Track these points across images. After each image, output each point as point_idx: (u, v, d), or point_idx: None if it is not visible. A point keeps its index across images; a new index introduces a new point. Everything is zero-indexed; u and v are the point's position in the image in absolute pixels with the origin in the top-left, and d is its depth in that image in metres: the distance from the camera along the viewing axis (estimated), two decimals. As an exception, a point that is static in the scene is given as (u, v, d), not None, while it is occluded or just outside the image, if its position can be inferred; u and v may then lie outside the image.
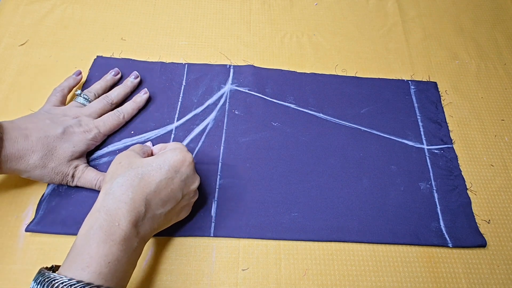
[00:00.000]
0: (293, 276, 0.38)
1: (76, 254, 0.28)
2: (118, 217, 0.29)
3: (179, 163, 0.34)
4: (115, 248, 0.28)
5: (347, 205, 0.42)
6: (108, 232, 0.28)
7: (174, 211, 0.35)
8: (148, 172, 0.32)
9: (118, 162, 0.33)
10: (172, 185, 0.33)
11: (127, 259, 0.29)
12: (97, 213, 0.29)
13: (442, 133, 0.48)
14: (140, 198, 0.31)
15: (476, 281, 0.39)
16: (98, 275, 0.27)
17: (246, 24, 0.58)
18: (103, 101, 0.44)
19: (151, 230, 0.32)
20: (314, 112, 0.49)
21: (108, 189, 0.31)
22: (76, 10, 0.56)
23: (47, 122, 0.39)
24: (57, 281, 0.25)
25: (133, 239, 0.30)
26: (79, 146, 0.40)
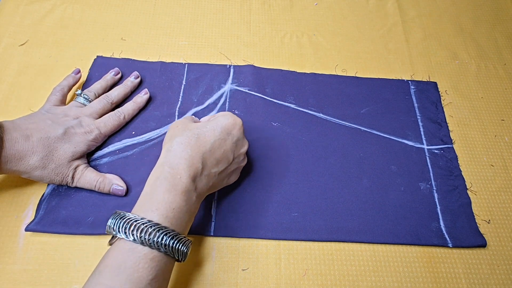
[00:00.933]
0: (293, 276, 0.38)
1: (146, 199, 0.31)
2: (179, 171, 0.32)
3: (230, 126, 0.37)
4: (178, 198, 0.31)
5: (347, 205, 0.42)
6: (172, 183, 0.32)
7: (226, 172, 0.37)
8: (203, 133, 0.35)
9: (175, 126, 0.37)
10: (225, 146, 0.36)
11: (187, 209, 0.32)
12: (161, 167, 0.33)
13: (442, 133, 0.48)
14: (198, 156, 0.34)
15: (476, 281, 0.39)
16: (165, 218, 0.30)
17: (246, 24, 0.58)
18: (103, 101, 0.44)
19: (206, 187, 0.35)
20: (314, 112, 0.49)
21: (169, 147, 0.34)
22: (76, 10, 0.56)
23: (48, 123, 0.39)
24: (131, 219, 0.29)
25: (192, 193, 0.33)
26: (79, 147, 0.40)
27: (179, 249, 0.30)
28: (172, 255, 0.30)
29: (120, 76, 0.49)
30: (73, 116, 0.41)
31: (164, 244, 0.29)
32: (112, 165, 0.42)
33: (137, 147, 0.44)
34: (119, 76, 0.49)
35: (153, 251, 0.29)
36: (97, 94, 0.46)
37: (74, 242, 0.38)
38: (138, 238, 0.28)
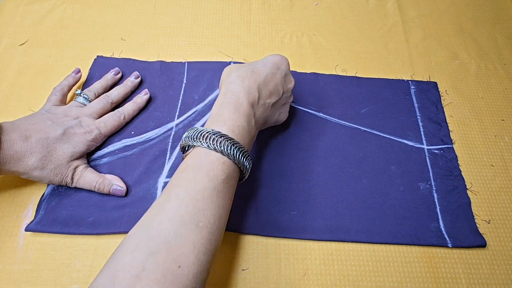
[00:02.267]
0: (293, 276, 0.38)
1: (215, 117, 0.35)
2: (240, 97, 0.36)
3: (279, 61, 0.41)
4: (242, 118, 0.35)
5: (346, 204, 0.42)
6: (235, 106, 0.36)
7: (277, 106, 0.41)
8: (256, 67, 0.39)
9: (229, 67, 0.40)
10: (275, 79, 0.40)
11: (248, 131, 0.36)
12: (224, 95, 0.37)
13: (442, 133, 0.48)
14: (254, 86, 0.37)
15: (476, 281, 0.39)
16: (232, 132, 0.34)
17: (246, 24, 0.58)
18: (104, 100, 0.44)
19: (262, 117, 0.39)
20: (314, 111, 0.49)
21: (230, 80, 0.38)
22: (76, 10, 0.56)
23: (48, 123, 0.39)
24: (204, 130, 0.33)
25: (251, 117, 0.37)
26: (79, 147, 0.40)
27: (243, 161, 0.34)
28: (238, 165, 0.34)
29: (120, 76, 0.49)
30: (73, 116, 0.41)
31: (231, 153, 0.33)
32: (111, 165, 0.42)
33: (137, 147, 0.44)
34: (120, 75, 0.49)
35: (224, 157, 0.32)
36: (97, 94, 0.46)
37: (74, 242, 0.38)
38: (211, 145, 0.32)
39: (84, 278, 0.36)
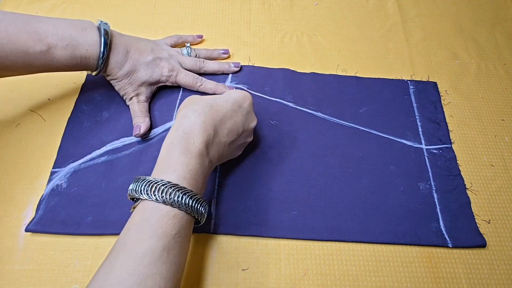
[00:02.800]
0: (293, 276, 0.38)
1: (163, 163, 0.33)
2: (193, 135, 0.34)
3: (241, 99, 0.39)
4: (193, 160, 0.33)
5: (346, 204, 0.42)
6: (186, 146, 0.33)
7: (234, 144, 0.39)
8: (216, 103, 0.37)
9: (190, 98, 0.38)
10: (236, 117, 0.38)
11: (201, 172, 0.34)
12: (175, 131, 0.34)
13: (441, 133, 0.48)
14: (210, 123, 0.35)
15: (476, 281, 0.39)
16: (183, 179, 0.32)
17: (246, 24, 0.58)
18: (198, 63, 0.49)
19: (217, 155, 0.36)
20: (312, 111, 0.49)
21: (184, 114, 0.35)
22: (76, 10, 0.56)
23: (147, 49, 0.45)
24: (152, 181, 0.31)
25: (204, 157, 0.34)
26: (154, 77, 0.45)
27: (198, 208, 0.32)
28: (192, 214, 0.32)
29: (227, 57, 0.53)
30: (169, 52, 0.47)
31: (184, 203, 0.30)
32: (110, 164, 0.42)
33: (136, 146, 0.44)
34: (226, 56, 0.53)
35: (174, 209, 0.30)
36: (198, 56, 0.51)
37: (74, 242, 0.38)
38: (160, 198, 0.30)
39: (84, 278, 0.36)
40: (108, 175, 0.42)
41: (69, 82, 0.49)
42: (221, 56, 0.52)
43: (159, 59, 0.45)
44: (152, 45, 0.47)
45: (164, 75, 0.46)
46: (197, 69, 0.49)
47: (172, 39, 0.51)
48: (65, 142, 0.44)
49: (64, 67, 0.40)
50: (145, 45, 0.45)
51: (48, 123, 0.45)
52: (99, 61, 0.40)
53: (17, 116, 0.46)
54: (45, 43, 0.37)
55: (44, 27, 0.38)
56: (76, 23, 0.40)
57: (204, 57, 0.51)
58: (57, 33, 0.38)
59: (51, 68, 0.40)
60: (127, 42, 0.43)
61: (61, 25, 0.39)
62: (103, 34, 0.40)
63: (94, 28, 0.41)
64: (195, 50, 0.51)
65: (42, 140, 0.44)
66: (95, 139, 0.44)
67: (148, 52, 0.45)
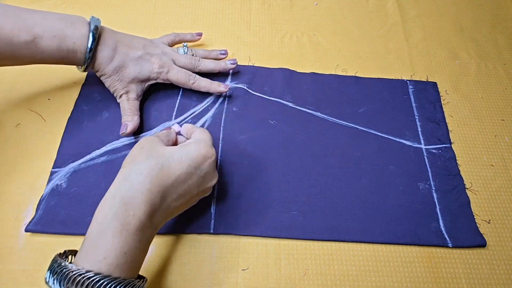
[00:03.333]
0: (293, 276, 0.38)
1: (92, 244, 0.27)
2: (133, 206, 0.28)
3: (201, 159, 0.33)
4: (130, 239, 0.28)
5: (346, 204, 0.42)
6: (123, 222, 0.28)
7: (187, 204, 0.35)
8: (168, 163, 0.31)
9: (140, 147, 0.32)
10: (190, 180, 0.33)
11: (141, 248, 0.29)
12: (111, 199, 0.29)
13: (440, 133, 0.48)
14: (157, 189, 0.30)
15: (476, 281, 0.39)
16: (116, 267, 0.27)
17: (246, 24, 0.58)
18: (193, 61, 0.47)
19: (163, 220, 0.32)
20: (312, 111, 0.49)
21: (126, 175, 0.30)
22: (76, 10, 0.56)
23: (140, 45, 0.44)
24: (74, 273, 0.25)
25: (146, 230, 0.29)
26: (143, 73, 0.44)
27: None
28: None
29: (225, 57, 0.51)
30: (162, 49, 0.46)
31: None
32: (110, 164, 0.42)
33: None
34: (223, 57, 0.51)
35: None
36: (195, 55, 0.49)
37: (74, 242, 0.38)
38: None
39: (84, 278, 0.36)
40: (108, 175, 0.42)
41: (69, 82, 0.49)
42: (219, 57, 0.51)
43: (149, 55, 0.44)
44: (146, 42, 0.46)
45: (155, 71, 0.44)
46: (192, 68, 0.48)
47: (169, 37, 0.50)
48: (65, 142, 0.44)
49: (50, 59, 0.39)
50: (137, 41, 0.44)
51: (48, 123, 0.45)
52: (86, 55, 0.40)
53: (17, 116, 0.46)
54: (31, 33, 0.37)
55: (32, 17, 0.37)
56: (66, 16, 0.40)
57: (202, 57, 0.50)
58: (45, 24, 0.38)
59: (36, 59, 0.39)
60: (117, 37, 0.43)
61: (50, 17, 0.38)
62: (92, 29, 0.39)
63: (84, 23, 0.40)
64: (192, 50, 0.50)
65: (42, 140, 0.44)
66: (95, 139, 0.44)
67: (139, 47, 0.44)
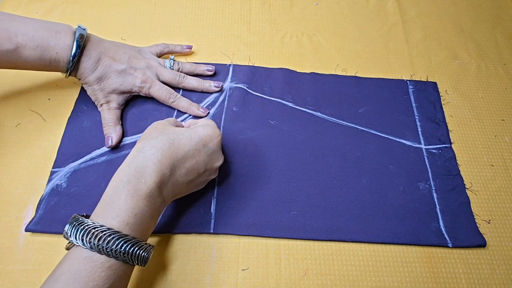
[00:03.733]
0: (293, 276, 0.38)
1: (107, 204, 0.30)
2: (145, 174, 0.31)
3: (208, 138, 0.36)
4: (141, 203, 0.30)
5: (346, 204, 0.42)
6: (136, 187, 0.30)
7: (194, 183, 0.37)
8: (178, 139, 0.34)
9: (153, 127, 0.36)
10: (198, 156, 0.35)
11: (150, 214, 0.31)
12: (127, 167, 0.31)
13: (440, 133, 0.48)
14: (167, 161, 0.32)
15: (476, 281, 0.39)
16: (126, 225, 0.29)
17: (246, 24, 0.58)
18: (177, 77, 0.48)
19: (172, 194, 0.34)
20: (311, 111, 0.49)
21: (140, 148, 0.33)
22: (76, 10, 0.56)
23: (125, 57, 0.44)
24: (90, 226, 0.28)
25: (156, 198, 0.32)
26: (125, 86, 0.44)
27: (140, 254, 0.30)
28: (132, 262, 0.29)
29: (212, 74, 0.51)
30: (147, 63, 0.46)
31: (123, 252, 0.28)
32: (110, 164, 0.42)
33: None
34: (211, 74, 0.51)
35: (111, 259, 0.28)
36: (181, 70, 0.49)
37: (74, 242, 0.38)
38: (95, 246, 0.27)
39: (84, 278, 0.36)
40: (108, 175, 0.41)
41: (69, 82, 0.49)
42: (205, 73, 0.50)
43: (133, 69, 0.44)
44: (132, 53, 0.45)
45: (137, 85, 0.44)
46: (176, 84, 0.48)
47: (158, 48, 0.50)
48: (65, 142, 0.44)
49: (33, 67, 0.40)
50: (123, 53, 0.44)
51: (48, 123, 0.45)
52: (68, 65, 0.40)
53: (17, 116, 0.46)
54: (13, 42, 0.37)
55: (16, 26, 0.38)
56: (51, 25, 0.40)
57: (188, 71, 0.49)
58: (28, 33, 0.38)
59: (18, 66, 0.40)
60: (102, 48, 0.43)
61: (35, 26, 0.39)
62: (77, 39, 0.40)
63: (68, 32, 0.40)
64: (179, 63, 0.49)
65: (42, 140, 0.44)
66: (95, 139, 0.44)
67: (123, 60, 0.44)
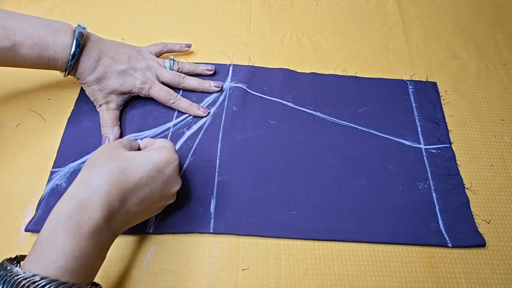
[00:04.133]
0: (293, 276, 0.38)
1: (42, 247, 0.26)
2: (90, 209, 0.28)
3: (163, 163, 0.33)
4: (84, 242, 0.27)
5: (345, 204, 0.42)
6: (77, 225, 0.27)
7: (149, 210, 0.34)
8: (130, 167, 0.31)
9: (102, 151, 0.32)
10: (153, 184, 0.32)
11: (96, 253, 0.28)
12: (67, 202, 0.28)
13: (440, 133, 0.48)
14: (117, 192, 0.29)
15: (476, 281, 0.39)
16: (65, 271, 0.25)
17: (246, 24, 0.58)
18: (177, 78, 0.47)
19: (123, 225, 0.31)
20: (311, 111, 0.49)
21: (84, 178, 0.29)
22: (76, 10, 0.56)
23: (125, 57, 0.43)
24: (19, 277, 0.24)
25: (103, 234, 0.28)
26: (125, 86, 0.43)
27: None
28: None
29: (211, 73, 0.50)
30: (147, 63, 0.45)
31: None
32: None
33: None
34: (210, 73, 0.50)
35: None
36: (180, 70, 0.49)
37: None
38: None
39: (84, 278, 0.36)
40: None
41: (69, 82, 0.49)
42: (205, 73, 0.50)
43: (133, 69, 0.44)
44: (132, 53, 0.45)
45: (137, 86, 0.44)
46: (176, 84, 0.47)
47: (157, 47, 0.49)
48: (65, 142, 0.44)
49: (31, 65, 0.39)
50: (123, 52, 0.44)
51: (48, 123, 0.45)
52: (67, 64, 0.39)
53: (17, 116, 0.46)
54: (11, 39, 0.37)
55: (14, 23, 0.37)
56: (51, 23, 0.39)
57: (187, 71, 0.49)
58: (27, 31, 0.37)
59: (16, 64, 0.39)
60: (102, 48, 0.42)
61: (34, 24, 0.38)
62: (77, 38, 0.39)
63: (68, 31, 0.39)
64: (179, 63, 0.49)
65: (42, 140, 0.44)
66: (95, 139, 0.44)
67: (123, 60, 0.43)
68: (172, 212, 0.40)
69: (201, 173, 0.43)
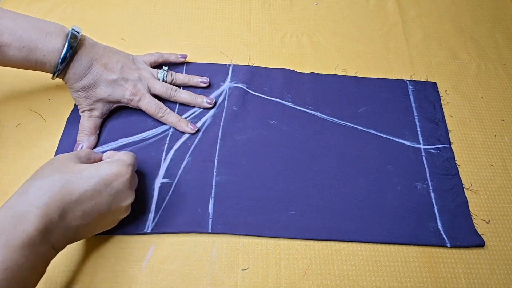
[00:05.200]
0: (293, 276, 0.38)
1: None
2: (25, 221, 0.27)
3: (112, 177, 0.33)
4: (16, 254, 0.26)
5: (344, 204, 0.42)
6: (10, 236, 0.26)
7: (98, 224, 0.34)
8: (74, 179, 0.31)
9: (51, 162, 0.32)
10: (99, 197, 0.32)
11: (29, 265, 0.27)
12: (4, 212, 0.27)
13: (439, 133, 0.48)
14: (56, 205, 0.29)
15: (476, 281, 0.39)
16: None
17: (246, 24, 0.58)
18: (169, 91, 0.46)
19: (65, 239, 0.31)
20: (311, 110, 0.49)
21: (24, 189, 0.29)
22: (76, 10, 0.56)
23: (117, 66, 0.42)
24: None
25: (39, 246, 0.28)
26: (113, 96, 0.42)
27: None
28: None
29: (205, 86, 0.49)
30: (139, 74, 0.44)
31: None
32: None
33: (133, 146, 0.44)
34: (205, 86, 0.49)
35: None
36: (174, 82, 0.48)
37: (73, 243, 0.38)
38: None
39: (84, 277, 0.36)
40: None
41: (69, 82, 0.49)
42: (199, 85, 0.49)
43: (124, 80, 0.43)
44: (126, 62, 0.44)
45: (126, 97, 0.43)
46: (167, 97, 0.46)
47: (152, 57, 0.48)
48: (64, 142, 0.44)
49: (17, 66, 0.38)
50: (116, 61, 0.43)
51: (48, 123, 0.46)
52: (55, 69, 0.38)
53: (17, 116, 0.46)
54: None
55: (3, 24, 0.36)
56: (43, 25, 0.38)
57: (181, 83, 0.48)
58: (16, 32, 0.36)
59: (3, 64, 0.38)
60: (95, 54, 0.41)
61: (25, 25, 0.37)
62: (69, 42, 0.38)
63: (61, 34, 0.38)
64: (172, 74, 0.48)
65: (42, 140, 0.44)
66: (95, 139, 0.44)
67: (115, 70, 0.42)
68: (170, 212, 0.40)
69: (199, 173, 0.43)
